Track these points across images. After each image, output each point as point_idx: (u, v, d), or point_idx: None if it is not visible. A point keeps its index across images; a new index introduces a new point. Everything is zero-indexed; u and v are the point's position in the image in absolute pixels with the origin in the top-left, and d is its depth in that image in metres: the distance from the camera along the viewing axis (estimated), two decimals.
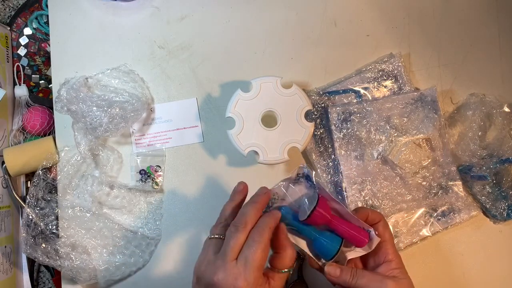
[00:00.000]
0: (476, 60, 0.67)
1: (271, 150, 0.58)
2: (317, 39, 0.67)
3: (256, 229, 0.45)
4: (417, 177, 0.63)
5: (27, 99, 0.69)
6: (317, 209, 0.47)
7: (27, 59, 0.71)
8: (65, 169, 0.65)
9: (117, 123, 0.61)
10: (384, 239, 0.51)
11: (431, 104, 0.63)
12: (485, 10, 0.68)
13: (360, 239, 0.48)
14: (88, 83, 0.65)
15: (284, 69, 0.67)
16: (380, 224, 0.52)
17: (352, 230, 0.48)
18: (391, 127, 0.63)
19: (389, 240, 0.51)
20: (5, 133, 0.67)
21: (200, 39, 0.68)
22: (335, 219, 0.49)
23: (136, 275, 0.64)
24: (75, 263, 0.62)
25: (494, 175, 0.63)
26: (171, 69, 0.67)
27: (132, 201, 0.65)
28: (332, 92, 0.65)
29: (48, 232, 0.64)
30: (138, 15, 0.68)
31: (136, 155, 0.66)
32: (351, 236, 0.48)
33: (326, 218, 0.48)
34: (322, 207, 0.47)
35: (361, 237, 0.48)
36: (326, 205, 0.48)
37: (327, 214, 0.47)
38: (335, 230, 0.49)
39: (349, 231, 0.48)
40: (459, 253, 0.64)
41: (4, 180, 0.66)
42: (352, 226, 0.49)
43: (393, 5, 0.68)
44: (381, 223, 0.52)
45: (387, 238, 0.51)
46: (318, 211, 0.47)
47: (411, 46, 0.67)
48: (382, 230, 0.51)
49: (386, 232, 0.51)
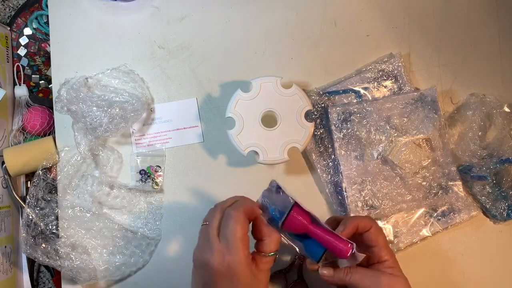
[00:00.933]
0: (476, 60, 0.67)
1: (271, 150, 0.58)
2: (317, 39, 0.67)
3: (230, 207, 0.48)
4: (417, 177, 0.63)
5: (27, 99, 0.69)
6: (291, 214, 0.47)
7: (27, 59, 0.71)
8: (65, 169, 0.65)
9: (117, 123, 0.61)
10: (377, 245, 0.52)
11: (431, 104, 0.63)
12: (485, 10, 0.68)
13: (341, 249, 0.48)
14: (88, 83, 0.65)
15: (284, 69, 0.67)
16: (371, 232, 0.52)
17: (333, 239, 0.48)
18: (391, 127, 0.63)
19: (382, 245, 0.52)
20: (5, 133, 0.67)
21: (200, 39, 0.68)
22: (314, 227, 0.48)
23: (136, 275, 0.64)
24: (75, 263, 0.62)
25: (494, 175, 0.63)
26: (171, 69, 0.67)
27: (132, 201, 0.65)
28: (332, 92, 0.65)
29: (48, 232, 0.64)
30: (138, 15, 0.68)
31: (136, 155, 0.66)
32: (332, 245, 0.48)
33: (303, 224, 0.47)
34: (297, 212, 0.47)
35: (342, 247, 0.47)
36: (302, 213, 0.48)
37: (303, 219, 0.47)
38: (315, 238, 0.48)
39: (330, 240, 0.48)
40: (459, 253, 0.64)
41: (4, 180, 0.66)
42: (332, 236, 0.48)
43: (393, 5, 0.68)
44: (372, 230, 0.52)
45: (380, 243, 0.52)
46: (293, 215, 0.47)
47: (411, 46, 0.67)
48: (375, 237, 0.52)
49: (379, 238, 0.52)
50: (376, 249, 0.52)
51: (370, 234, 0.52)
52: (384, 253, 0.52)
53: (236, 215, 0.46)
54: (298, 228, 0.48)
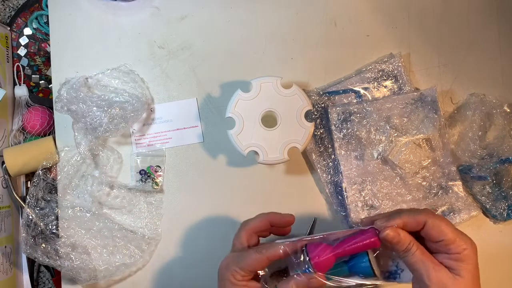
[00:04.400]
0: (476, 60, 0.67)
1: (271, 150, 0.58)
2: (317, 39, 0.67)
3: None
4: (417, 177, 0.63)
5: (27, 99, 0.69)
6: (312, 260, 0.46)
7: (27, 59, 0.71)
8: (65, 169, 0.65)
9: (117, 123, 0.61)
10: (443, 239, 0.45)
11: (431, 104, 0.63)
12: (485, 10, 0.68)
13: (369, 242, 0.46)
14: (88, 83, 0.65)
15: (284, 69, 0.67)
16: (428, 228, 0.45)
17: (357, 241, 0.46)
18: (391, 127, 0.63)
19: (449, 239, 0.45)
20: (5, 133, 0.67)
21: (200, 39, 0.68)
22: (337, 248, 0.47)
23: (136, 275, 0.64)
24: (75, 263, 0.62)
25: (494, 175, 0.63)
26: (171, 69, 0.67)
27: (132, 201, 0.65)
28: (332, 92, 0.65)
29: (48, 232, 0.64)
30: (138, 15, 0.68)
31: (136, 155, 0.66)
32: (361, 246, 0.46)
33: (329, 258, 0.46)
34: (317, 254, 0.46)
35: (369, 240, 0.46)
36: (319, 249, 0.47)
37: (325, 256, 0.46)
38: (347, 255, 0.47)
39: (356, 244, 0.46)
40: None
41: (4, 180, 0.66)
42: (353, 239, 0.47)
43: (393, 5, 0.68)
44: (427, 225, 0.45)
45: (446, 237, 0.45)
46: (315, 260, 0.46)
47: (411, 46, 0.67)
48: (436, 233, 0.45)
49: (441, 232, 0.45)
50: (442, 243, 0.45)
51: (428, 231, 0.45)
52: (453, 247, 0.44)
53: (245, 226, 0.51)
54: (327, 264, 0.46)
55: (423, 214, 0.46)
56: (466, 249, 0.44)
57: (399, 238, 0.45)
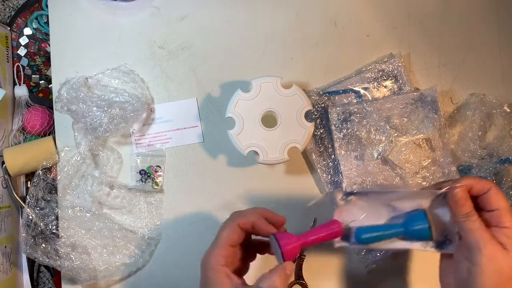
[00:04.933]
0: (476, 60, 0.67)
1: (271, 150, 0.58)
2: (317, 39, 0.67)
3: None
4: (417, 177, 0.63)
5: (27, 99, 0.69)
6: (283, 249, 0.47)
7: (27, 59, 0.71)
8: (65, 169, 0.65)
9: (117, 123, 0.61)
10: (497, 208, 0.46)
11: (431, 104, 0.63)
12: (485, 10, 0.68)
13: (333, 232, 0.48)
14: (88, 83, 0.65)
15: (284, 69, 0.67)
16: (490, 194, 0.47)
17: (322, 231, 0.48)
18: (391, 127, 0.63)
19: (504, 208, 0.46)
20: (5, 133, 0.67)
21: (200, 39, 0.68)
22: (303, 237, 0.48)
23: (136, 275, 0.64)
24: (75, 263, 0.62)
25: (494, 175, 0.63)
26: (171, 69, 0.67)
27: (132, 201, 0.65)
28: (332, 92, 0.65)
29: (48, 232, 0.64)
30: (138, 15, 0.68)
31: (136, 155, 0.66)
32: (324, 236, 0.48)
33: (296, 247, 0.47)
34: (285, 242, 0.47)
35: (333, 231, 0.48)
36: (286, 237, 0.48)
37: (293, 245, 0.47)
38: (312, 244, 0.48)
39: (320, 234, 0.48)
40: None
41: (4, 180, 0.66)
42: (319, 229, 0.48)
43: (393, 5, 0.68)
44: (491, 192, 0.47)
45: (502, 207, 0.46)
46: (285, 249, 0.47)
47: (411, 46, 0.67)
48: (494, 200, 0.46)
49: (499, 201, 0.46)
50: (496, 213, 0.46)
51: (489, 197, 0.46)
52: (506, 219, 0.46)
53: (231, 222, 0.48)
54: (296, 249, 0.47)
55: (489, 182, 0.48)
56: None
57: (466, 199, 0.47)
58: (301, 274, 0.63)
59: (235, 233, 0.48)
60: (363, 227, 0.51)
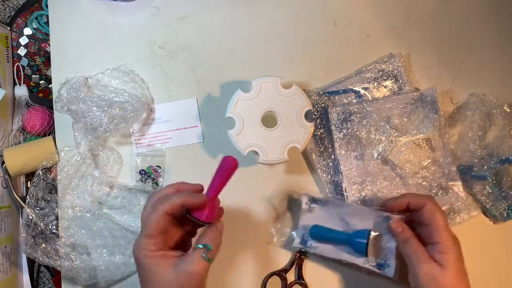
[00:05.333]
0: (476, 60, 0.67)
1: (271, 150, 0.58)
2: (317, 39, 0.67)
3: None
4: (417, 178, 0.63)
5: (27, 99, 0.69)
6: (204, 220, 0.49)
7: (27, 59, 0.71)
8: (65, 169, 0.65)
9: (117, 123, 0.61)
10: (431, 223, 0.50)
11: (431, 104, 0.63)
12: (485, 10, 0.68)
13: (231, 168, 0.51)
14: (88, 83, 0.65)
15: (284, 69, 0.67)
16: (425, 210, 0.51)
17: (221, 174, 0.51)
18: (391, 127, 0.63)
19: (437, 225, 0.50)
20: (5, 133, 0.67)
21: (200, 39, 0.68)
22: (211, 191, 0.51)
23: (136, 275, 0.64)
24: (75, 263, 0.62)
25: (494, 175, 0.63)
26: (171, 69, 0.67)
27: (132, 201, 0.65)
28: (332, 92, 0.65)
29: (48, 232, 0.64)
30: (138, 15, 0.68)
31: (136, 155, 0.66)
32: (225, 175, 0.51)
33: (211, 208, 0.50)
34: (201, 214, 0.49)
35: (227, 167, 0.51)
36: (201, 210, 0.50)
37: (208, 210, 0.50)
38: (221, 188, 0.51)
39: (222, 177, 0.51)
40: None
41: (4, 180, 0.66)
42: (218, 174, 0.51)
43: (393, 5, 0.68)
44: (426, 208, 0.51)
45: (435, 223, 0.50)
46: (206, 218, 0.49)
47: (411, 46, 0.67)
48: (429, 216, 0.50)
49: (433, 217, 0.50)
50: (429, 228, 0.50)
51: (423, 213, 0.50)
52: (438, 235, 0.49)
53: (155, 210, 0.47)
54: (212, 210, 0.50)
55: (425, 198, 0.52)
56: (448, 240, 0.49)
57: (401, 227, 0.52)
58: (301, 274, 0.63)
59: (164, 221, 0.47)
60: (318, 225, 0.60)
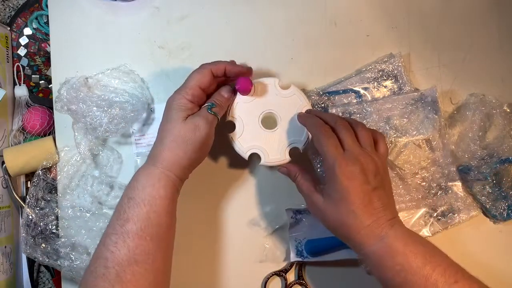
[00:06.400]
0: (476, 60, 0.67)
1: (272, 152, 0.58)
2: (317, 39, 0.67)
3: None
4: (417, 178, 0.63)
5: (27, 99, 0.69)
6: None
7: (27, 59, 0.71)
8: (65, 169, 0.65)
9: (117, 123, 0.61)
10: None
11: (431, 105, 0.63)
12: (485, 10, 0.68)
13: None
14: (88, 83, 0.65)
15: (284, 69, 0.67)
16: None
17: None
18: (391, 127, 0.63)
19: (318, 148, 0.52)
20: (5, 133, 0.67)
21: (200, 39, 0.67)
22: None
23: None
24: (75, 263, 0.62)
25: (494, 175, 0.63)
26: (171, 69, 0.67)
27: None
28: (332, 92, 0.65)
29: (48, 232, 0.64)
30: (138, 15, 0.68)
31: (136, 155, 0.66)
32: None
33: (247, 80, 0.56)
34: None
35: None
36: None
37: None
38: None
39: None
40: (459, 253, 0.64)
41: (4, 180, 0.66)
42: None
43: (393, 5, 0.68)
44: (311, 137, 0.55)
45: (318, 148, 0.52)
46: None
47: (411, 46, 0.67)
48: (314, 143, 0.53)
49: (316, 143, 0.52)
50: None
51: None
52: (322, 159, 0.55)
53: (201, 68, 0.55)
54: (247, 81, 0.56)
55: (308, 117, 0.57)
56: (324, 163, 0.50)
57: (286, 168, 0.57)
58: (301, 274, 0.63)
59: (206, 77, 0.54)
60: (311, 240, 0.61)
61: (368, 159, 0.48)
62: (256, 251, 0.65)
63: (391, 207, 0.49)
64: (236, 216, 0.65)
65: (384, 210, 0.47)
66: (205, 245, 0.65)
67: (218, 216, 0.65)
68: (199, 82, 0.53)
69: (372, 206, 0.47)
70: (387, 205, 0.48)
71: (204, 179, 0.66)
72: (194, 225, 0.65)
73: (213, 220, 0.66)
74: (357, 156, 0.48)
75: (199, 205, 0.65)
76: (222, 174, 0.66)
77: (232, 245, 0.65)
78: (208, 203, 0.65)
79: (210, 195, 0.65)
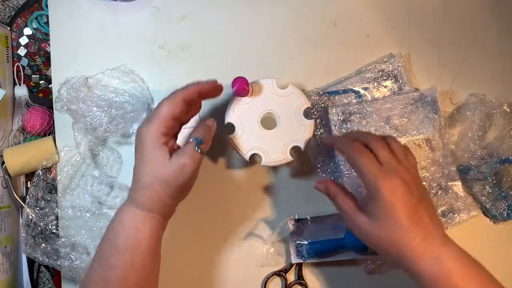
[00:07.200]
0: (476, 60, 0.67)
1: (273, 151, 0.58)
2: (317, 39, 0.67)
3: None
4: None
5: (27, 99, 0.69)
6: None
7: (27, 59, 0.71)
8: (65, 169, 0.65)
9: (117, 123, 0.61)
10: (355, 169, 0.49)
11: (431, 105, 0.63)
12: (485, 10, 0.68)
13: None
14: (88, 83, 0.65)
15: (283, 69, 0.67)
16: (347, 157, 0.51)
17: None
18: (391, 127, 0.63)
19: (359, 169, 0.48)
20: (5, 133, 0.67)
21: (200, 39, 0.67)
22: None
23: None
24: (75, 263, 0.62)
25: (494, 175, 0.63)
26: (171, 69, 0.67)
27: None
28: (332, 92, 0.65)
29: (48, 232, 0.64)
30: (138, 15, 0.68)
31: None
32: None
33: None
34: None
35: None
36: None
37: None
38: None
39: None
40: None
41: (4, 180, 0.66)
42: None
43: (393, 5, 0.68)
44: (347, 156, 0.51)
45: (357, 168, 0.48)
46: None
47: (411, 46, 0.67)
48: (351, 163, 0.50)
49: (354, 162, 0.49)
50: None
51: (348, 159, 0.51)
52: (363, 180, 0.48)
53: (172, 97, 0.50)
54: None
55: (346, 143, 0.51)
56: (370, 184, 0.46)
57: (324, 186, 0.53)
58: (301, 274, 0.63)
59: (179, 107, 0.49)
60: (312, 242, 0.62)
61: (407, 170, 0.47)
62: (256, 255, 0.64)
63: (438, 220, 0.47)
64: (237, 219, 0.65)
65: (432, 224, 0.45)
66: (205, 246, 0.65)
67: (219, 218, 0.65)
68: (172, 113, 0.49)
69: (420, 219, 0.45)
70: (434, 218, 0.46)
71: (205, 181, 0.66)
72: (193, 226, 0.65)
73: (214, 221, 0.65)
74: (396, 168, 0.46)
75: (199, 205, 0.65)
76: (222, 176, 0.66)
77: (233, 247, 0.65)
78: (208, 200, 0.65)
79: (209, 193, 0.65)
